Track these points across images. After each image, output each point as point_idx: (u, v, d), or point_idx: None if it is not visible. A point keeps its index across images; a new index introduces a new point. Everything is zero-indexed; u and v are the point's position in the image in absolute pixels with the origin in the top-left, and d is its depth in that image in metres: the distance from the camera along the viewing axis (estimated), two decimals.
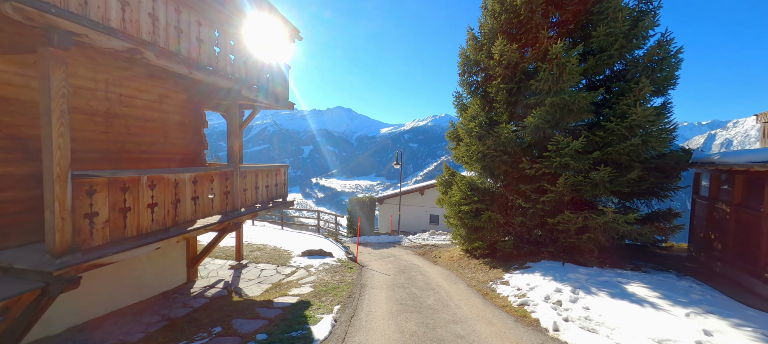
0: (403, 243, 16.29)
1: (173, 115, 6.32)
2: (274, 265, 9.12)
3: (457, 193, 8.66)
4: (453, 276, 8.20)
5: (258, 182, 7.30)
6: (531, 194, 7.46)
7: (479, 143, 7.95)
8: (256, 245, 11.43)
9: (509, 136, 7.69)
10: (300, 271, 8.57)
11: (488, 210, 8.00)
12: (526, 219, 7.54)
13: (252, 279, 8.01)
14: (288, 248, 11.04)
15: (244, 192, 6.75)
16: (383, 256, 12.33)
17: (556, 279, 5.94)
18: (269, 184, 7.81)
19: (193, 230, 5.25)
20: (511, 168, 8.07)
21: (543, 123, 7.27)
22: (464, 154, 8.68)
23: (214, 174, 5.78)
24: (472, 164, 8.67)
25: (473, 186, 8.45)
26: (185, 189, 5.15)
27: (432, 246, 14.76)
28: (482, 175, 8.63)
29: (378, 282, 7.72)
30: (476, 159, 8.18)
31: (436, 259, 11.20)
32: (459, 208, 8.69)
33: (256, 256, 9.95)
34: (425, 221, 25.96)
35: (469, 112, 8.42)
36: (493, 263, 8.26)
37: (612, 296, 5.04)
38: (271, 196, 7.88)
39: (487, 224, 8.13)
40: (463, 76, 9.88)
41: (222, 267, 8.92)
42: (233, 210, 6.33)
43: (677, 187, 7.74)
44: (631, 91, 6.55)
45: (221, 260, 9.56)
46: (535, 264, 7.00)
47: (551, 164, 6.96)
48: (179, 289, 6.38)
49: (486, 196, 8.38)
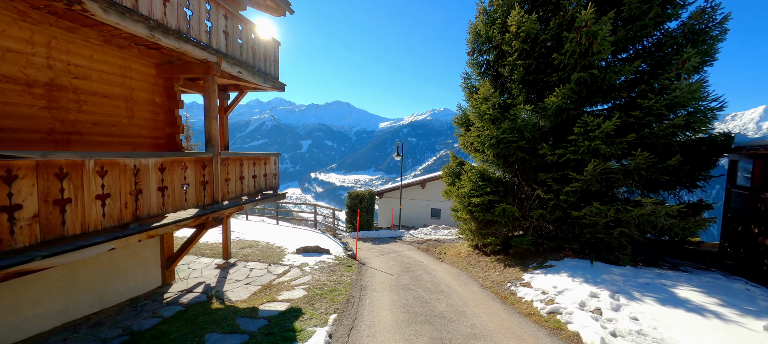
0: (405, 238, 15.48)
1: (140, 92, 5.39)
2: (265, 264, 8.28)
3: (467, 184, 7.80)
4: (463, 276, 7.38)
5: (243, 171, 6.41)
6: (552, 184, 6.61)
7: (493, 127, 7.07)
8: (248, 241, 10.58)
9: (527, 119, 6.81)
10: (293, 271, 7.74)
11: (502, 203, 7.15)
12: (546, 212, 6.70)
13: (239, 280, 7.17)
14: (282, 245, 10.20)
15: (226, 183, 5.87)
16: (384, 252, 11.51)
17: (588, 281, 5.11)
18: (257, 174, 6.92)
19: (160, 227, 4.38)
20: (528, 155, 7.20)
21: (566, 103, 6.39)
22: (475, 140, 7.79)
23: (187, 161, 4.89)
24: (484, 151, 7.79)
25: (485, 176, 7.58)
26: (149, 178, 4.26)
27: (435, 242, 13.96)
28: (495, 164, 7.76)
29: (380, 283, 6.89)
30: (489, 145, 7.30)
31: (442, 256, 10.39)
32: (469, 201, 7.83)
33: (247, 254, 9.10)
34: (426, 215, 25.18)
35: (480, 94, 7.52)
36: (507, 261, 7.44)
37: (662, 302, 4.22)
38: (259, 188, 7.00)
39: (500, 218, 7.29)
40: (472, 56, 8.96)
41: (207, 266, 8.07)
42: (213, 203, 5.45)
43: (709, 176, 6.90)
44: (673, 63, 5.66)
45: (208, 258, 8.71)
46: (559, 263, 6.18)
47: (578, 149, 6.09)
48: (151, 294, 5.53)
49: (499, 187, 7.53)
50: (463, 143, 9.75)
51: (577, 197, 6.32)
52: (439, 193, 25.00)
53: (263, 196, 7.18)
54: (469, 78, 8.99)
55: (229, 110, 8.02)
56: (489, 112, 7.08)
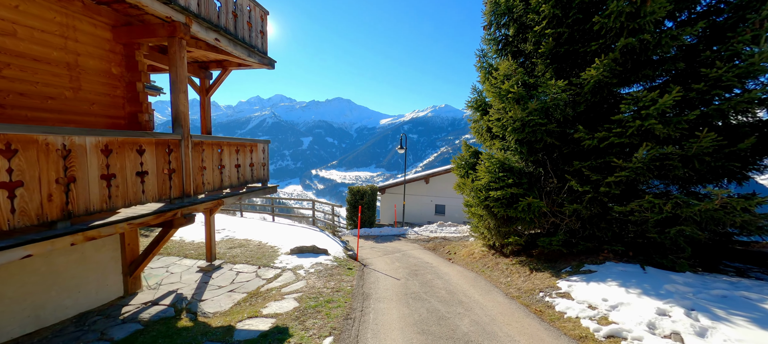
0: (409, 235, 14.50)
1: (90, 60, 4.37)
2: (254, 267, 7.30)
3: (485, 176, 6.76)
4: (481, 281, 6.37)
5: (223, 159, 5.39)
6: (589, 174, 5.57)
7: (517, 108, 6.01)
8: (238, 240, 9.61)
9: (558, 98, 5.75)
10: (286, 275, 6.75)
11: (528, 196, 6.12)
12: (581, 207, 5.66)
13: (222, 287, 6.19)
14: (275, 244, 9.22)
15: (200, 172, 4.86)
16: (388, 252, 10.52)
17: (648, 292, 4.09)
18: (241, 163, 5.91)
19: (104, 225, 3.38)
20: (558, 140, 6.15)
21: (608, 77, 5.33)
22: (494, 124, 6.74)
23: (145, 143, 3.87)
24: (504, 137, 6.75)
25: (507, 166, 6.54)
26: (87, 163, 3.25)
27: (442, 240, 12.97)
28: (517, 152, 6.70)
29: (385, 290, 5.89)
30: (511, 130, 6.26)
31: (452, 256, 9.38)
32: (486, 194, 6.80)
33: (235, 255, 8.12)
34: (430, 211, 24.18)
35: (501, 71, 6.46)
36: (532, 264, 6.42)
37: (760, 324, 3.20)
38: (244, 179, 5.98)
39: (525, 214, 6.26)
40: (489, 30, 7.88)
41: (189, 269, 7.09)
42: (182, 196, 4.45)
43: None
44: (748, 23, 4.59)
45: (191, 260, 7.74)
46: (600, 268, 5.15)
47: (625, 131, 5.04)
48: (107, 308, 4.55)
49: (523, 179, 6.48)
50: (476, 130, 8.70)
51: (621, 189, 5.28)
52: (443, 189, 23.97)
53: (249, 189, 6.17)
54: (485, 55, 7.91)
55: (212, 91, 7.00)
56: (513, 90, 6.02)
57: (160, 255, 8.08)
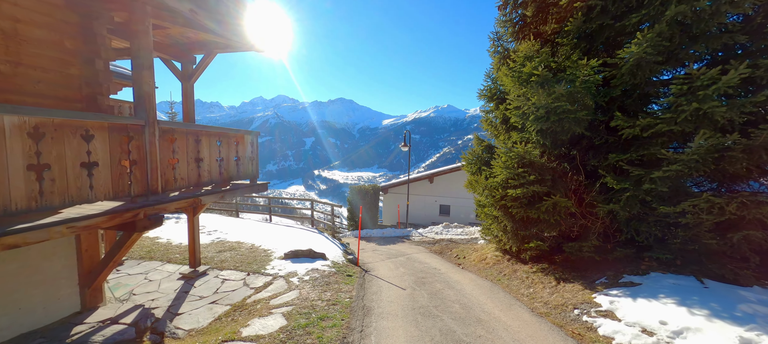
0: (413, 237, 13.71)
1: (35, 29, 3.63)
2: (243, 273, 6.55)
3: (502, 172, 5.97)
4: (499, 292, 5.57)
5: (202, 151, 4.64)
6: (629, 168, 4.75)
7: (541, 93, 5.21)
8: (230, 243, 8.87)
9: (589, 80, 4.95)
10: (277, 283, 5.99)
11: (556, 194, 5.31)
12: (619, 207, 4.84)
13: (204, 297, 5.44)
14: (269, 247, 8.47)
15: (171, 166, 4.11)
16: (391, 255, 9.74)
17: (719, 314, 3.28)
18: (225, 156, 5.16)
19: (31, 229, 2.63)
20: (588, 130, 5.34)
21: (652, 54, 4.51)
22: (512, 113, 5.94)
23: (93, 127, 3.13)
24: (524, 128, 5.94)
25: (527, 161, 5.73)
26: (4, 149, 2.51)
27: (448, 242, 12.16)
28: (540, 145, 5.89)
29: (389, 303, 5.11)
30: (534, 119, 5.46)
31: (461, 261, 8.58)
32: (504, 193, 6.01)
33: (223, 260, 7.37)
34: (435, 212, 23.37)
35: (521, 52, 5.66)
36: (558, 273, 5.62)
37: None
38: (227, 175, 5.23)
39: (549, 215, 5.46)
40: (504, 10, 7.07)
41: (170, 276, 6.35)
42: (146, 193, 3.70)
43: None
44: None
45: (175, 265, 7.00)
46: (645, 280, 4.34)
47: (676, 116, 4.22)
48: (57, 327, 3.81)
49: (547, 175, 5.68)
50: (489, 123, 7.91)
51: (669, 186, 4.46)
52: (448, 188, 23.15)
53: (234, 187, 5.42)
54: (499, 39, 7.12)
55: (195, 77, 6.26)
56: (537, 73, 5.22)
57: (141, 260, 7.36)
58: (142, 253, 7.75)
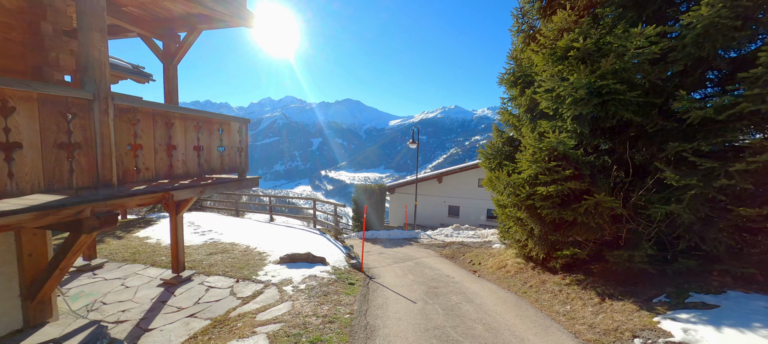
0: (421, 240, 12.86)
1: None
2: (232, 280, 5.80)
3: (529, 167, 5.08)
4: (527, 309, 4.68)
5: (175, 138, 3.89)
6: (697, 161, 3.83)
7: (582, 70, 4.32)
8: (223, 245, 8.15)
9: (643, 54, 4.04)
10: (268, 292, 5.22)
11: (594, 193, 4.41)
12: (682, 207, 3.92)
13: (182, 309, 4.70)
14: (265, 250, 7.73)
15: (131, 153, 3.37)
16: (398, 259, 8.91)
17: None
18: (205, 145, 4.41)
19: None
20: (639, 115, 4.42)
21: (728, 17, 3.59)
22: (544, 98, 5.05)
23: (16, 97, 2.39)
24: (559, 114, 5.04)
25: (560, 153, 4.84)
26: None
27: (460, 246, 11.27)
28: (577, 134, 4.98)
29: (397, 321, 4.28)
30: (572, 102, 4.57)
31: (477, 268, 7.70)
32: (531, 191, 5.12)
33: (212, 264, 6.64)
34: (443, 213, 22.45)
35: (555, 23, 4.78)
36: (599, 286, 4.70)
37: None
38: (209, 167, 4.48)
39: (589, 217, 4.55)
40: None
41: (149, 283, 5.64)
42: (95, 185, 2.96)
43: None
44: None
45: (159, 269, 6.30)
46: (724, 301, 3.42)
47: (765, 92, 3.30)
48: None
49: (585, 169, 4.77)
50: (508, 114, 7.02)
51: (753, 182, 3.52)
52: (458, 189, 22.19)
53: (218, 181, 4.67)
54: (524, 15, 6.23)
55: (179, 57, 5.54)
56: (577, 46, 4.33)
57: (124, 262, 6.69)
58: (126, 255, 7.08)
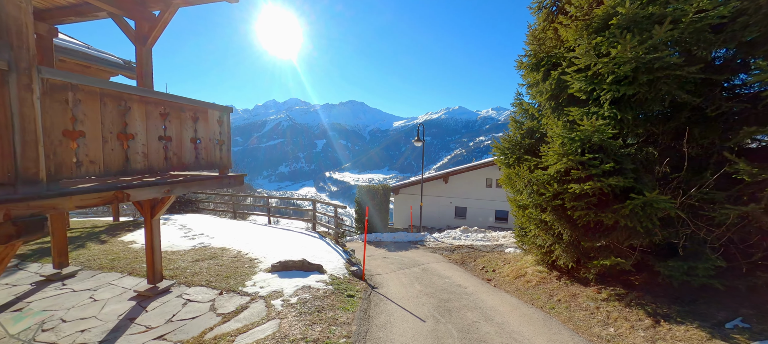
0: (427, 243, 12.10)
1: None
2: (215, 291, 5.10)
3: (557, 161, 4.31)
4: (561, 332, 3.90)
5: (133, 125, 3.20)
6: None
7: (628, 41, 3.53)
8: (213, 250, 7.47)
9: (706, 18, 3.26)
10: (254, 308, 4.51)
11: (645, 191, 3.62)
12: (762, 208, 3.11)
13: (152, 328, 4.01)
14: (258, 255, 7.04)
15: (67, 143, 2.68)
16: (403, 265, 8.16)
17: None
18: (175, 136, 3.71)
19: None
20: (697, 94, 3.62)
21: None
22: (576, 79, 4.27)
23: None
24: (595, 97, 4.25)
25: (596, 145, 4.05)
26: None
27: (469, 250, 10.51)
28: (616, 121, 4.18)
29: None
30: (613, 80, 3.79)
31: (492, 276, 6.91)
32: (559, 189, 4.34)
33: (197, 272, 5.95)
34: (450, 214, 21.64)
35: None
36: (647, 303, 3.90)
37: None
38: (180, 161, 3.78)
39: (636, 220, 3.76)
40: None
41: (120, 295, 4.97)
42: (14, 180, 2.28)
43: None
44: None
45: (136, 278, 5.63)
46: None
47: None
48: None
49: (628, 163, 3.98)
50: (521, 109, 6.25)
51: None
52: (464, 189, 21.35)
53: (192, 179, 3.97)
54: None
55: (154, 38, 4.87)
56: (621, 10, 3.55)
57: (100, 270, 6.04)
58: (104, 262, 6.44)
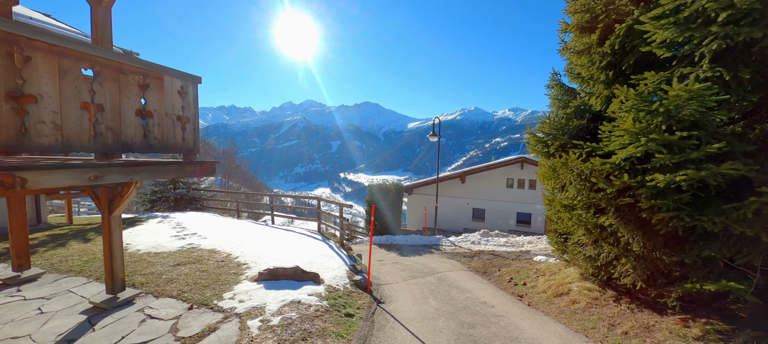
0: (443, 247, 10.94)
1: None
2: (184, 305, 4.18)
3: (633, 143, 3.09)
4: None
5: (33, 83, 2.28)
6: None
7: None
8: (200, 252, 6.63)
9: None
10: (225, 329, 3.55)
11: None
12: None
13: None
14: (248, 260, 6.13)
15: None
16: (416, 273, 7.06)
17: None
18: (110, 106, 2.79)
19: None
20: None
21: None
22: (659, 26, 3.05)
23: None
24: (696, 44, 3.02)
25: (687, 120, 2.81)
26: None
27: (491, 256, 9.29)
28: (723, 82, 2.93)
29: None
30: (725, 21, 2.55)
31: (524, 292, 5.70)
32: (631, 182, 3.13)
33: (172, 278, 5.07)
34: (467, 216, 20.28)
35: None
36: None
37: None
38: (113, 141, 2.85)
39: (762, 224, 2.51)
40: None
41: (73, 307, 4.13)
42: None
43: None
44: None
45: (101, 285, 4.81)
46: None
47: None
48: None
49: (738, 145, 2.72)
50: (558, 92, 5.02)
51: None
52: (483, 189, 19.93)
53: (133, 164, 3.04)
54: None
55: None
56: None
57: (67, 274, 5.28)
58: (75, 264, 5.69)
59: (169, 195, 13.97)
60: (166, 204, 13.85)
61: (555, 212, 5.00)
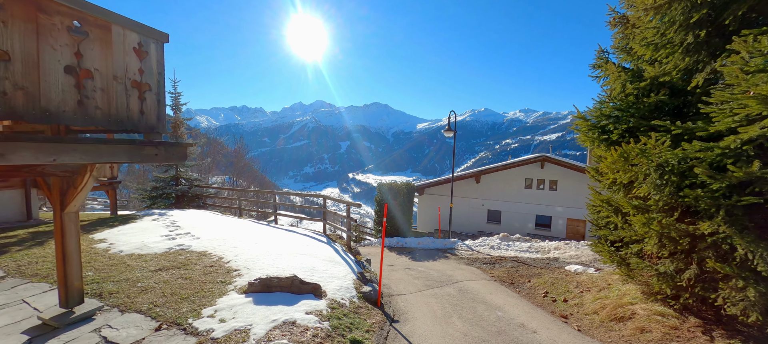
0: (460, 251, 9.95)
1: None
2: (153, 324, 3.36)
3: (764, 118, 2.10)
4: None
5: None
6: None
7: None
8: (187, 256, 5.84)
9: None
10: None
11: None
12: None
13: None
14: (240, 265, 5.31)
15: None
16: (432, 282, 6.12)
17: None
18: (22, 51, 1.97)
19: None
20: None
21: None
22: None
23: None
24: None
25: None
26: None
27: (515, 263, 8.28)
28: None
29: None
30: None
31: (567, 310, 4.70)
32: (758, 173, 2.13)
33: (146, 288, 4.27)
34: (482, 218, 19.14)
35: None
36: None
37: None
38: (33, 108, 2.03)
39: None
40: None
41: (21, 322, 3.37)
42: None
43: None
44: None
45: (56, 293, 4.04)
46: None
47: None
48: None
49: None
50: (608, 71, 4.01)
51: None
52: (499, 190, 18.77)
53: (54, 140, 2.22)
54: None
55: None
56: None
57: (31, 278, 4.56)
58: (43, 267, 4.98)
59: (170, 192, 13.40)
60: (167, 202, 13.28)
61: (610, 214, 3.99)
